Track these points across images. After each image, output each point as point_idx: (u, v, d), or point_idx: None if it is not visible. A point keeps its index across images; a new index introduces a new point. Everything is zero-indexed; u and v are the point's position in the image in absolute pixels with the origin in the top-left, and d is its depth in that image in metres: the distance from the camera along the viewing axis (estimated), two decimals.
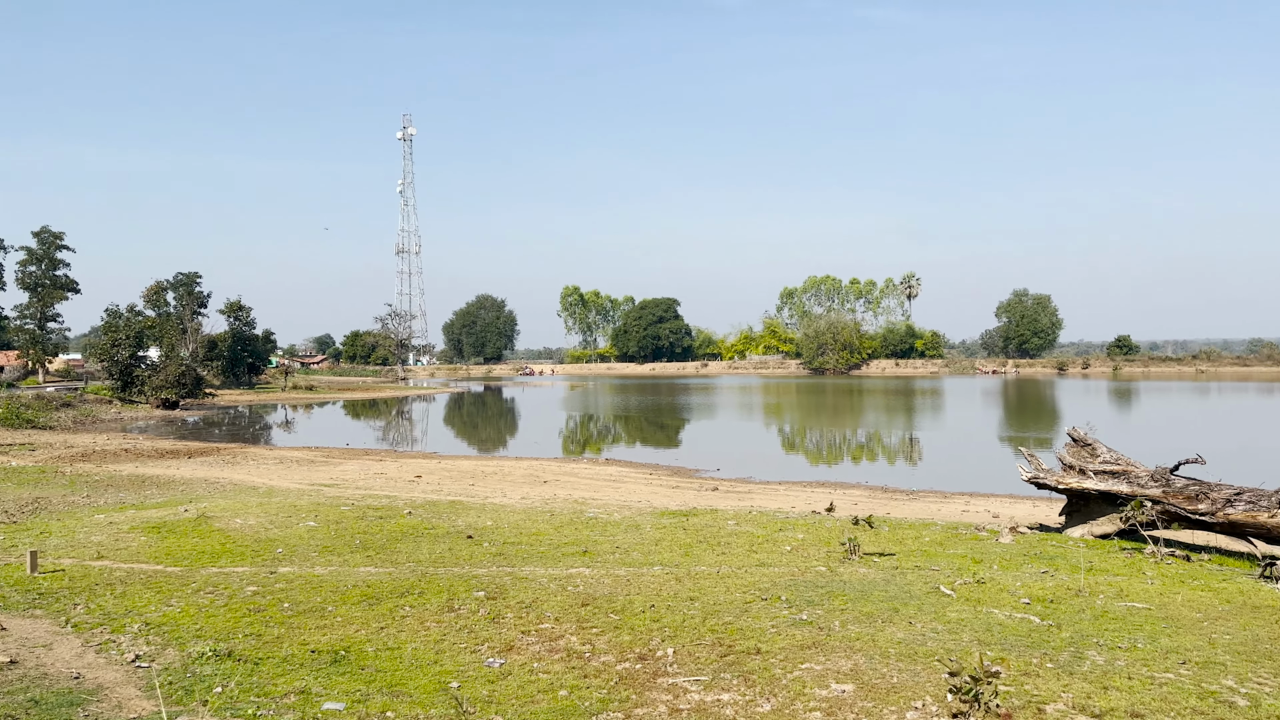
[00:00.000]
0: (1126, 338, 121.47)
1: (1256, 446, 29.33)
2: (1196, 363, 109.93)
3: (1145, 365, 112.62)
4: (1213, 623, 7.10)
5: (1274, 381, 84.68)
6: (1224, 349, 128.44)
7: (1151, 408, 54.44)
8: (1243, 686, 5.64)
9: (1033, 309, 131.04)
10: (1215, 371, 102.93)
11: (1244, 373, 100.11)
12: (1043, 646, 6.40)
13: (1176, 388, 76.80)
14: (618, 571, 9.03)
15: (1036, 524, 12.48)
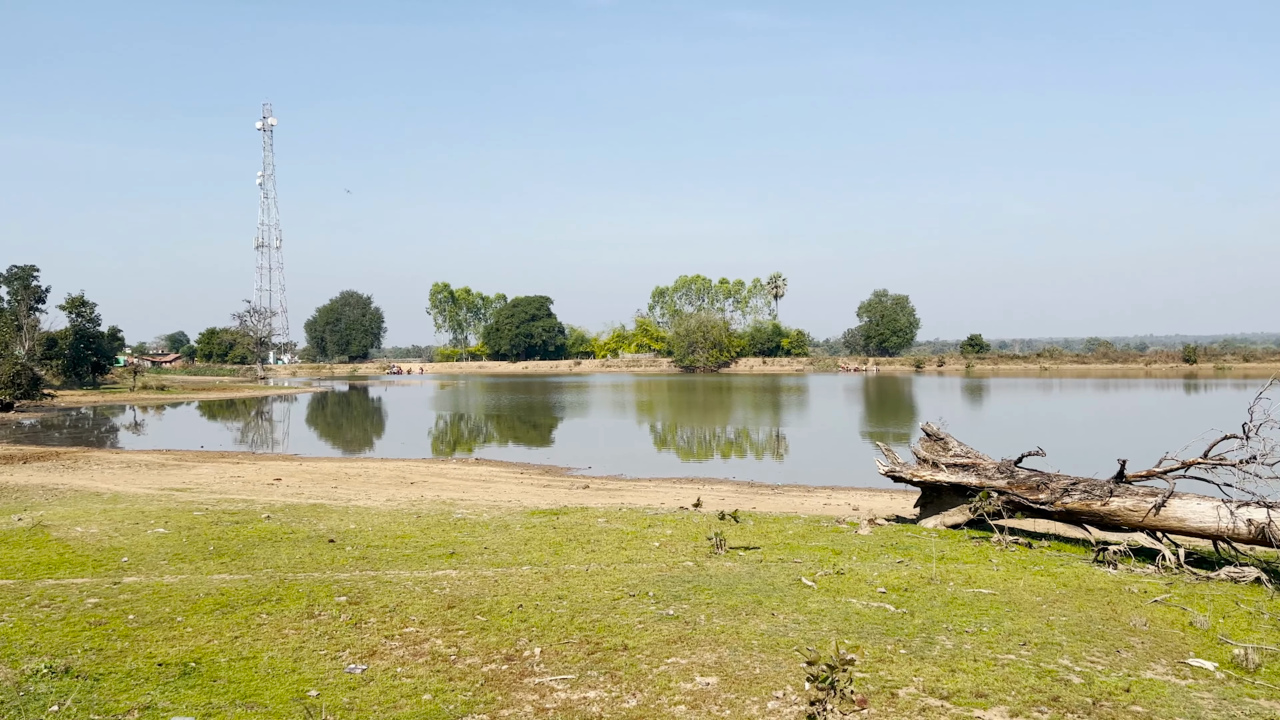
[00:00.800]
0: (978, 337, 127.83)
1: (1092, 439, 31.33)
2: (1041, 360, 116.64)
3: (995, 363, 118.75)
4: (1051, 605, 7.53)
5: (1109, 378, 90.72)
6: (1065, 347, 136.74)
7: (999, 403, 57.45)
8: (1077, 665, 6.01)
9: (892, 309, 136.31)
10: (1057, 369, 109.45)
11: (1083, 370, 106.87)
12: (897, 633, 6.65)
13: (1022, 384, 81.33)
14: (485, 572, 8.93)
15: (893, 516, 12.99)
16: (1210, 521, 9.08)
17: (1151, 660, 6.19)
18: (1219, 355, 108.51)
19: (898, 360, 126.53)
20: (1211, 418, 10.96)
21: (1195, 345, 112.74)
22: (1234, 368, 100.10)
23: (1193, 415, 43.61)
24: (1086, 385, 78.03)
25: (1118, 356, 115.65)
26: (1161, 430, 32.06)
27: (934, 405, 54.67)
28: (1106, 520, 10.04)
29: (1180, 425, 10.06)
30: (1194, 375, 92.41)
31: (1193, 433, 10.13)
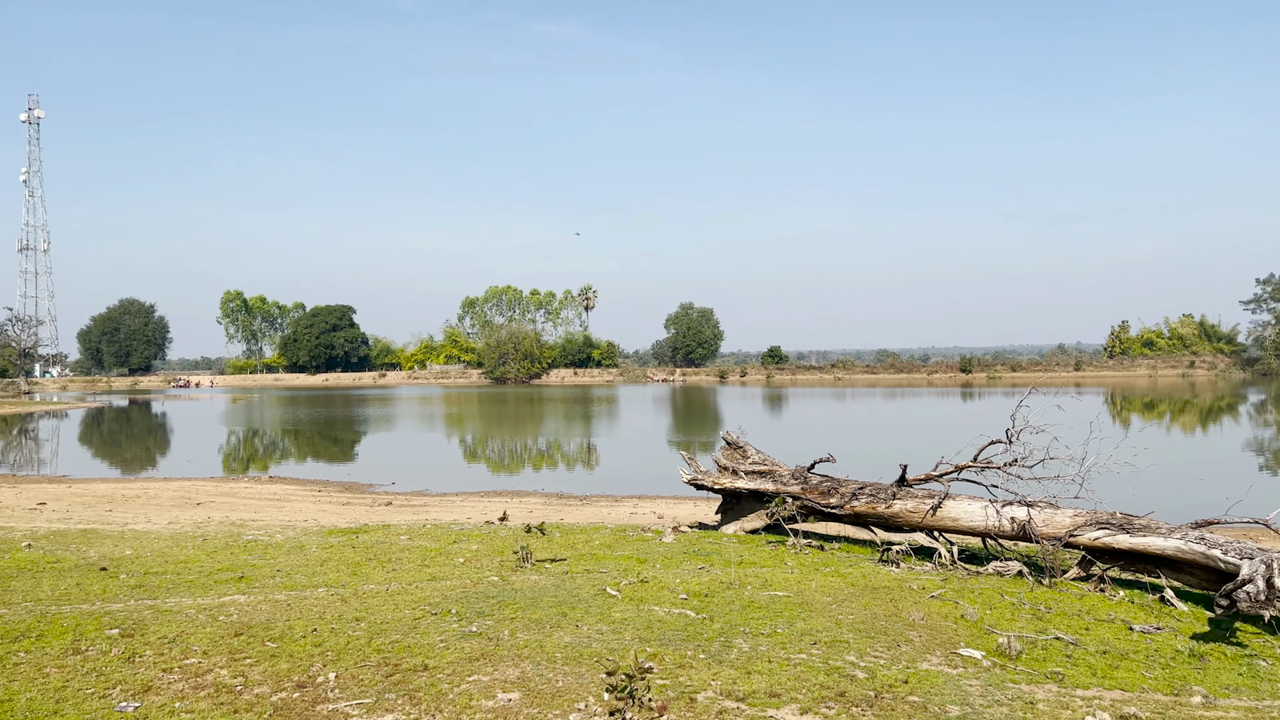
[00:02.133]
0: (778, 349, 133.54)
1: (879, 444, 33.35)
2: (835, 371, 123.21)
3: (793, 373, 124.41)
4: (840, 605, 7.93)
5: (896, 386, 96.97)
6: (857, 359, 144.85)
7: (796, 411, 60.21)
8: (862, 660, 6.35)
9: (698, 321, 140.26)
10: (850, 378, 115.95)
11: (872, 379, 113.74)
12: (697, 639, 6.81)
13: (818, 393, 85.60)
14: (278, 596, 8.48)
15: (696, 523, 13.33)
16: (980, 520, 9.83)
17: (928, 652, 6.62)
18: (991, 365, 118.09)
19: (703, 371, 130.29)
20: (982, 424, 11.91)
21: (971, 356, 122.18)
22: (1004, 377, 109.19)
23: (967, 421, 47.23)
24: (876, 394, 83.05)
25: (903, 367, 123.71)
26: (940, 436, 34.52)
27: (736, 414, 56.64)
28: (890, 522, 10.68)
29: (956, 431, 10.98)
30: (970, 384, 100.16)
31: (966, 438, 10.96)
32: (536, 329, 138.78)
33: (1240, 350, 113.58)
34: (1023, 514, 9.49)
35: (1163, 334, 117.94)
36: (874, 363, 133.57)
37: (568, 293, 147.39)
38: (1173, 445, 37.66)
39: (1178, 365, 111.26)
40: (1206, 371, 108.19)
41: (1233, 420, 51.89)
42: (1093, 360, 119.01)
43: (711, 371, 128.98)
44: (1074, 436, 10.54)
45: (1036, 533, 9.27)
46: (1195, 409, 59.02)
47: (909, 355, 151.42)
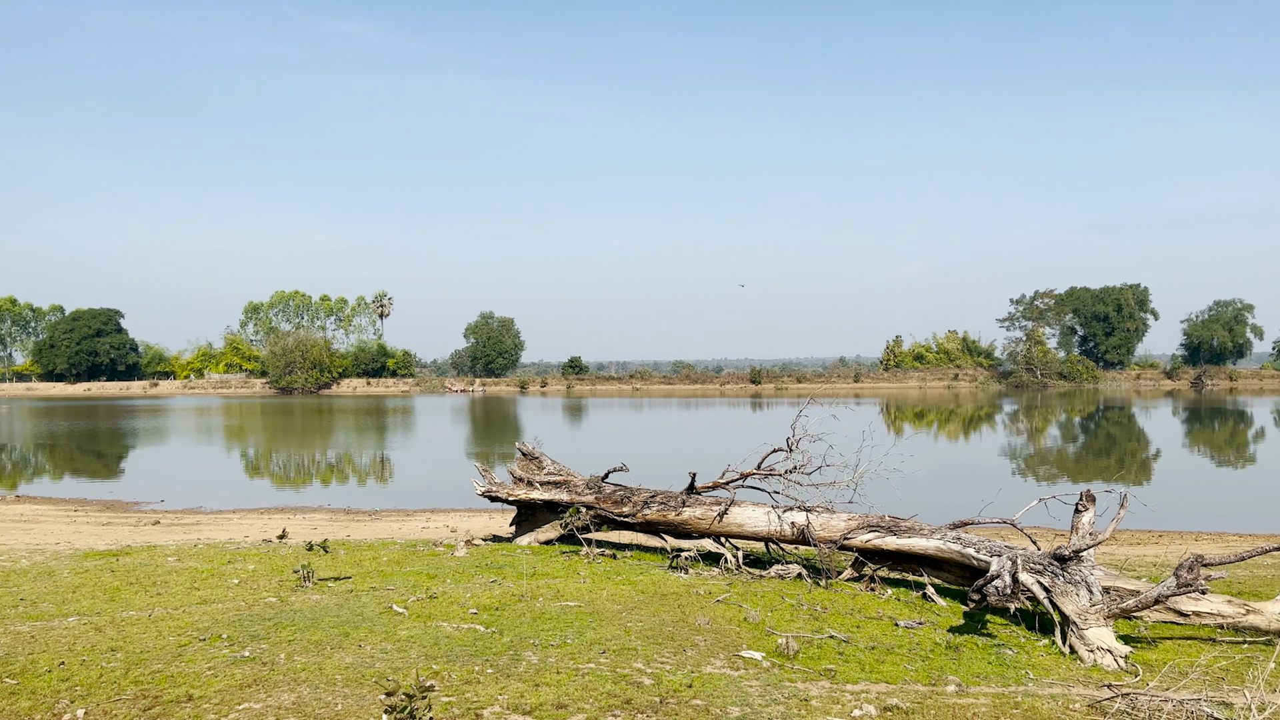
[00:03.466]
0: (578, 359, 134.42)
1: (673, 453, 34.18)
2: (633, 381, 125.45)
3: (593, 383, 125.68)
4: (629, 612, 8.03)
5: (691, 397, 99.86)
6: (655, 369, 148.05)
7: (595, 421, 60.83)
8: (649, 667, 6.45)
9: (498, 331, 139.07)
10: (647, 389, 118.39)
11: (669, 390, 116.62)
12: (485, 653, 6.70)
13: (617, 403, 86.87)
14: (20, 628, 7.67)
15: (490, 535, 13.16)
16: (763, 526, 10.24)
17: (712, 655, 6.81)
18: (779, 377, 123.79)
19: (504, 381, 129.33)
20: (768, 432, 12.41)
21: (760, 368, 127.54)
22: (790, 388, 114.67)
23: (755, 430, 49.24)
24: (672, 403, 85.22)
25: (698, 378, 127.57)
26: (730, 444, 35.84)
27: (535, 425, 56.54)
28: (680, 529, 10.94)
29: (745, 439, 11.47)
30: (759, 394, 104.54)
31: (753, 446, 11.39)
32: (327, 337, 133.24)
33: (997, 364, 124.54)
34: (802, 519, 9.96)
35: (931, 349, 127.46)
36: (671, 373, 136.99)
37: (361, 299, 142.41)
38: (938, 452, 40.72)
39: (944, 378, 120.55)
40: (969, 384, 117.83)
41: (990, 428, 56.76)
42: (870, 372, 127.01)
43: (512, 382, 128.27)
44: (849, 445, 11.17)
45: (814, 536, 9.75)
46: (958, 418, 64.15)
47: (704, 367, 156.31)
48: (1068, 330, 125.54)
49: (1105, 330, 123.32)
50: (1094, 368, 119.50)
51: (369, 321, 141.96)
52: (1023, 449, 42.28)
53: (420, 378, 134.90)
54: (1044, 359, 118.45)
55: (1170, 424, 58.33)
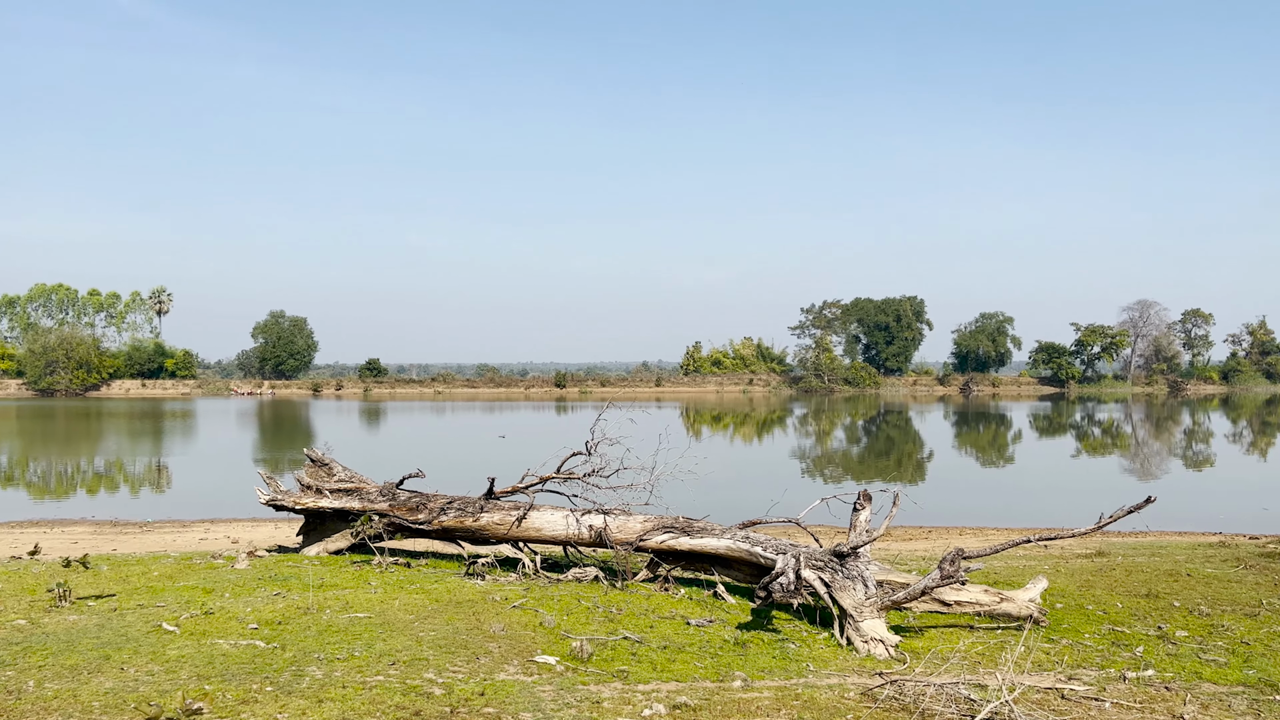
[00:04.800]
0: (376, 361, 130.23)
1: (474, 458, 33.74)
2: (435, 384, 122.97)
3: (393, 386, 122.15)
4: (422, 622, 7.83)
5: (495, 400, 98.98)
6: (458, 372, 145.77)
7: (394, 426, 59.17)
8: (441, 676, 6.30)
9: (290, 330, 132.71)
10: (450, 392, 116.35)
11: (473, 393, 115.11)
12: (265, 670, 6.35)
13: (418, 407, 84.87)
14: None
15: (276, 546, 12.52)
16: (561, 530, 10.26)
17: (505, 662, 6.74)
18: (584, 381, 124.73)
19: (295, 384, 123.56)
20: (570, 436, 12.46)
21: (565, 372, 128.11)
22: (594, 391, 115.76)
23: (558, 434, 49.38)
24: (475, 407, 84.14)
25: (502, 381, 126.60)
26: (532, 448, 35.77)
27: (329, 430, 54.39)
28: (479, 535, 10.79)
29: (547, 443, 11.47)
30: (564, 398, 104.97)
31: (554, 450, 11.39)
32: (96, 334, 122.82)
33: (789, 370, 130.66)
34: (600, 522, 10.05)
35: (729, 354, 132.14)
36: (475, 377, 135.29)
37: (136, 295, 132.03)
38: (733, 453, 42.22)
39: (740, 382, 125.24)
40: (763, 388, 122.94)
41: (781, 431, 59.44)
42: (671, 377, 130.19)
43: (305, 384, 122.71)
44: (648, 448, 11.39)
45: (611, 539, 9.86)
46: (752, 421, 66.81)
47: (509, 370, 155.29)
48: (853, 339, 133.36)
49: (886, 339, 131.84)
50: (876, 374, 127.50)
51: (145, 319, 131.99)
52: (810, 450, 44.54)
53: (203, 379, 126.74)
54: (831, 365, 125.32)
55: (941, 427, 63.05)
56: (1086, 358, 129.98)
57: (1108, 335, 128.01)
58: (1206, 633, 8.10)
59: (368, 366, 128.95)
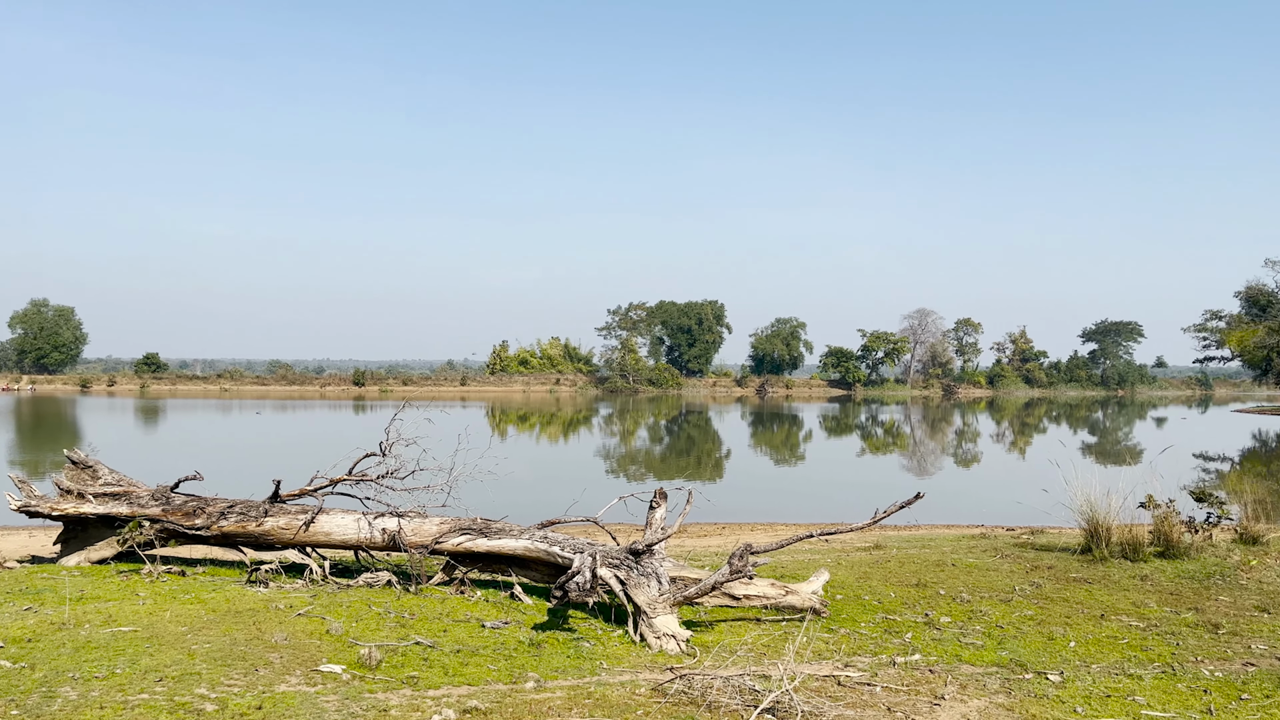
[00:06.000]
0: (155, 355, 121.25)
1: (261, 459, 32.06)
2: (222, 381, 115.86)
3: (174, 383, 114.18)
4: (196, 634, 7.34)
5: (288, 399, 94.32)
6: (249, 369, 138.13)
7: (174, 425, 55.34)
8: (214, 692, 5.92)
9: (54, 321, 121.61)
10: (238, 390, 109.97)
11: (263, 391, 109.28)
12: (10, 693, 5.77)
13: (201, 405, 79.73)
14: None
15: (30, 556, 11.41)
16: (353, 533, 9.88)
17: (287, 673, 6.41)
18: (385, 379, 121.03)
19: (60, 379, 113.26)
20: (367, 436, 12.05)
21: (365, 370, 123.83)
22: (396, 390, 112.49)
23: (354, 434, 47.70)
24: (266, 406, 79.89)
25: (296, 379, 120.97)
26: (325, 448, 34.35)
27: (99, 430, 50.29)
28: (263, 540, 10.23)
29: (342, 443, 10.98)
30: (363, 397, 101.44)
31: (347, 451, 10.95)
32: None
33: (595, 370, 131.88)
34: (394, 524, 9.76)
35: (536, 354, 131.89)
36: (266, 373, 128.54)
37: None
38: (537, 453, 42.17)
39: (547, 382, 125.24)
40: (569, 388, 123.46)
41: (587, 430, 59.91)
42: (477, 376, 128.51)
43: (72, 380, 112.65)
44: (447, 448, 11.15)
45: (406, 542, 9.60)
46: (558, 421, 66.97)
47: (303, 367, 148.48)
48: (657, 340, 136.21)
49: (689, 341, 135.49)
50: (678, 375, 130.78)
51: None
52: (614, 450, 45.12)
53: None
54: (636, 366, 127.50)
55: (738, 426, 65.44)
56: (871, 362, 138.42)
57: (890, 341, 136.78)
58: (967, 618, 8.78)
59: (145, 361, 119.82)
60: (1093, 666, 7.28)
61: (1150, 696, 6.53)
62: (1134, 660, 7.49)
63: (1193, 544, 11.75)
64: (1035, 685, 6.76)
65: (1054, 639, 8.09)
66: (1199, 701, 6.44)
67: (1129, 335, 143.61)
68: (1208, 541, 12.07)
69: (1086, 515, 11.85)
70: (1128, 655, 7.64)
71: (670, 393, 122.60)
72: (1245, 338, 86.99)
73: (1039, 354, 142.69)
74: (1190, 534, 11.94)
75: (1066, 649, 7.78)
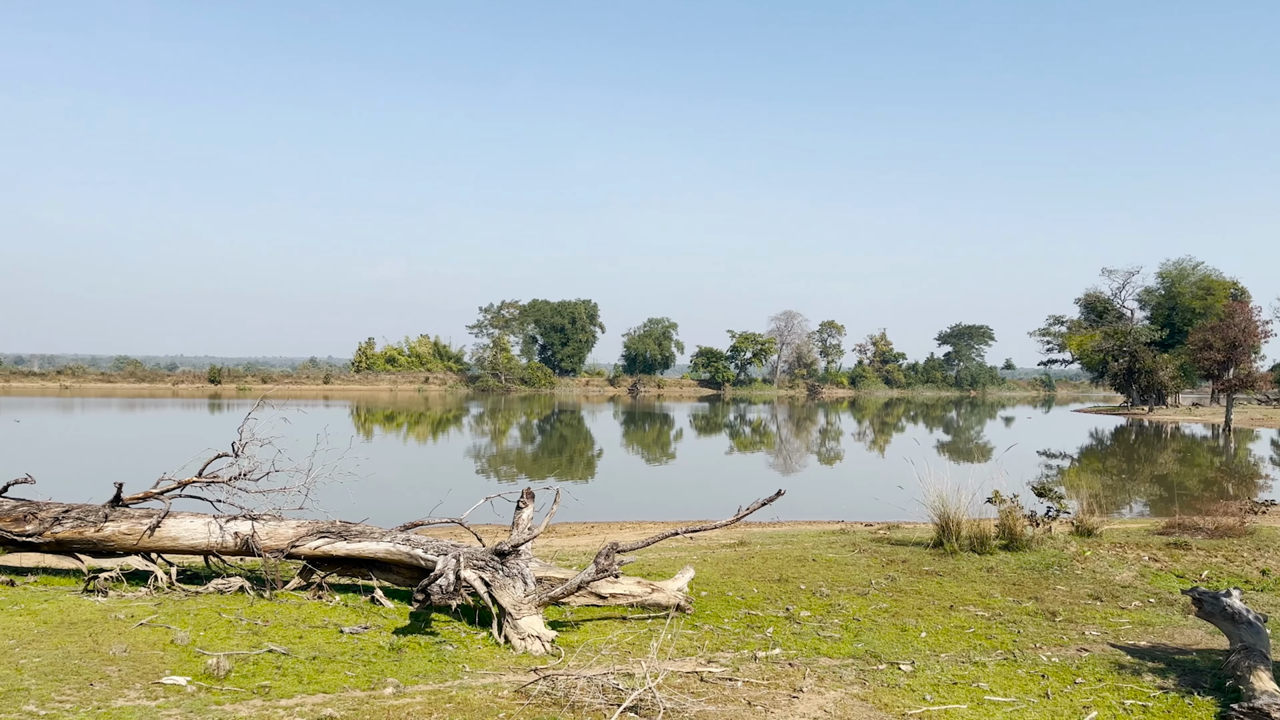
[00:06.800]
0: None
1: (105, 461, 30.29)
2: (62, 378, 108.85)
3: (6, 379, 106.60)
4: (25, 647, 6.84)
5: (136, 397, 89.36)
6: (94, 365, 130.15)
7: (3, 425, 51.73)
8: (43, 709, 5.54)
9: None
10: (81, 387, 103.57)
11: (109, 389, 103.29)
12: None
13: (39, 403, 74.73)
14: None
15: None
16: (203, 538, 9.42)
17: (126, 687, 6.05)
18: (242, 377, 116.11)
19: None
20: (221, 436, 11.53)
21: (221, 367, 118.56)
22: (255, 388, 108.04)
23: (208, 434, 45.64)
24: (112, 404, 75.58)
25: (146, 375, 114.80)
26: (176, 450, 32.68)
27: None
28: (103, 547, 9.63)
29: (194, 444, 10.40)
30: (219, 395, 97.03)
31: (199, 451, 10.41)
32: None
33: (466, 369, 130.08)
34: (247, 528, 9.35)
35: (404, 352, 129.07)
36: (112, 370, 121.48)
37: None
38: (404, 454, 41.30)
39: (416, 381, 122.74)
40: (439, 387, 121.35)
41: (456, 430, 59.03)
42: (342, 374, 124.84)
43: None
44: (305, 448, 10.76)
45: (260, 546, 9.21)
46: (426, 421, 65.77)
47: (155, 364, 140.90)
48: (530, 339, 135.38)
49: (562, 340, 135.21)
50: (551, 374, 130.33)
51: None
52: (485, 450, 44.61)
53: None
54: (508, 365, 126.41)
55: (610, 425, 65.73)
56: (740, 362, 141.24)
57: (758, 342, 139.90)
58: (826, 612, 9.03)
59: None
60: (942, 655, 7.60)
61: (993, 682, 6.86)
62: (979, 648, 7.86)
63: (1034, 537, 12.44)
64: (888, 675, 7.01)
65: (907, 630, 8.41)
66: (1037, 686, 6.81)
67: (980, 339, 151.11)
68: (1048, 534, 12.81)
69: (938, 511, 12.39)
70: (974, 644, 8.01)
71: (543, 392, 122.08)
72: (1084, 342, 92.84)
73: (898, 356, 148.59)
74: (1032, 527, 12.64)
75: (918, 639, 8.11)
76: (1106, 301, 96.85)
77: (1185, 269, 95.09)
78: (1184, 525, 13.96)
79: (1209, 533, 13.34)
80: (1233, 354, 65.97)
